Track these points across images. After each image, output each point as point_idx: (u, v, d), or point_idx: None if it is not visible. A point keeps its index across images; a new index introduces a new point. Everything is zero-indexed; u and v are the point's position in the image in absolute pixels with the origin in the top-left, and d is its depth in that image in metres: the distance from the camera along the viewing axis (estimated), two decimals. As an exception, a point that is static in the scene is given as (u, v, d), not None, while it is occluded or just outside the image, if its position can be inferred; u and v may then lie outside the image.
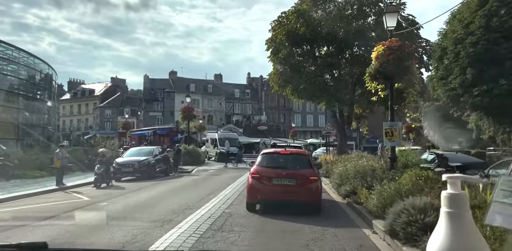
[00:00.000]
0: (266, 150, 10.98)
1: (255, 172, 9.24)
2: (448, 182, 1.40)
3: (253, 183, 9.14)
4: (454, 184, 1.38)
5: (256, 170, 9.30)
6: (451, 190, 1.37)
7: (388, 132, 10.55)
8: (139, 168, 18.34)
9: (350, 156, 13.96)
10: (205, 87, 68.51)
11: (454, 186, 1.38)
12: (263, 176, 9.11)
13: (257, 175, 9.16)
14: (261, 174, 9.14)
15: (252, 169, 9.54)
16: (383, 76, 10.26)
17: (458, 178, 1.39)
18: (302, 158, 10.03)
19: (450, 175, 1.43)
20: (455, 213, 1.32)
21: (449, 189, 1.38)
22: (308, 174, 9.13)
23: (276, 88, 19.15)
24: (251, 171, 9.49)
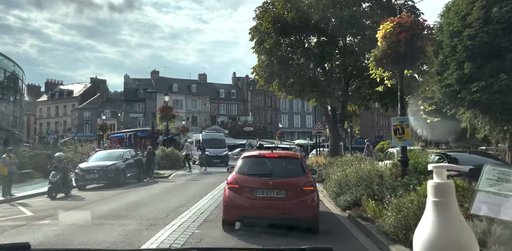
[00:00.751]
0: (247, 153, 8.53)
1: (233, 182, 7.25)
2: (434, 172, 1.37)
3: (230, 195, 7.18)
4: (440, 173, 1.37)
5: (234, 179, 7.30)
6: (437, 180, 1.35)
7: (397, 129, 8.56)
8: (106, 174, 16.09)
9: (348, 158, 11.95)
10: (188, 87, 66.13)
11: (440, 176, 1.36)
12: (243, 186, 7.14)
13: (236, 185, 7.18)
14: (241, 184, 7.16)
15: (229, 177, 7.47)
16: (392, 60, 8.29)
17: (443, 167, 1.37)
18: (294, 163, 7.93)
19: (436, 165, 1.40)
20: (442, 202, 1.31)
21: (435, 178, 1.36)
22: (302, 184, 7.13)
23: (261, 82, 17.11)
24: (228, 180, 7.43)
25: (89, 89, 74.62)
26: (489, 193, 1.58)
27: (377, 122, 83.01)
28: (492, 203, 1.55)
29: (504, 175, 1.61)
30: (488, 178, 1.61)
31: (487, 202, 1.57)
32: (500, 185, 1.59)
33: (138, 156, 19.33)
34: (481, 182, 1.63)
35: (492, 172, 1.64)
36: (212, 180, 17.96)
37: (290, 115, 72.86)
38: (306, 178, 7.28)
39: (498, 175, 1.63)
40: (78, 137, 67.60)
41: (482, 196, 1.59)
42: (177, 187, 15.90)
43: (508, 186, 1.56)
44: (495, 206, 1.54)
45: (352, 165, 9.96)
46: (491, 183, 1.59)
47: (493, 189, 1.57)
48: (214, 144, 29.40)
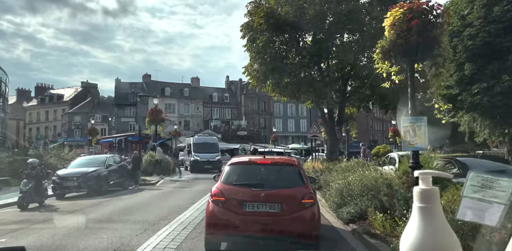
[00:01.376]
0: (236, 159, 7.22)
1: (218, 194, 6.08)
2: (419, 178, 1.38)
3: (215, 210, 5.99)
4: (425, 179, 1.38)
5: (219, 190, 6.12)
6: (423, 186, 1.37)
7: (408, 131, 7.47)
8: (86, 181, 14.89)
9: (349, 164, 10.84)
10: (181, 90, 64.97)
11: (425, 182, 1.38)
12: (230, 199, 6.00)
13: (221, 197, 6.01)
14: (228, 196, 6.01)
15: (213, 188, 6.27)
16: (402, 51, 7.21)
17: (429, 174, 1.40)
18: (290, 171, 6.68)
19: (421, 171, 1.43)
20: (427, 207, 1.33)
21: (420, 184, 1.38)
22: (300, 195, 6.02)
23: (253, 83, 16.01)
24: (212, 192, 6.23)
25: (80, 93, 73.22)
26: (474, 199, 1.56)
27: (371, 126, 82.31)
28: (477, 208, 1.53)
29: (487, 182, 1.59)
30: (472, 185, 1.60)
31: (472, 208, 1.56)
32: (484, 192, 1.56)
33: (123, 162, 18.10)
34: (466, 188, 1.60)
35: (476, 178, 1.62)
36: (202, 187, 16.79)
37: (284, 119, 71.87)
38: (305, 189, 6.16)
39: (482, 181, 1.61)
40: (68, 142, 66.11)
41: (467, 202, 1.57)
42: (163, 195, 14.71)
43: (492, 193, 1.53)
44: (480, 212, 1.52)
45: (355, 171, 8.85)
46: (475, 190, 1.57)
47: (478, 195, 1.55)
48: (206, 148, 27.62)
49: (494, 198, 1.52)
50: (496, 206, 1.49)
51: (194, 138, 31.16)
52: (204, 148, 27.74)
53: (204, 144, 28.55)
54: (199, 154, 27.08)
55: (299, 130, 72.60)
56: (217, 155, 27.72)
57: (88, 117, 64.55)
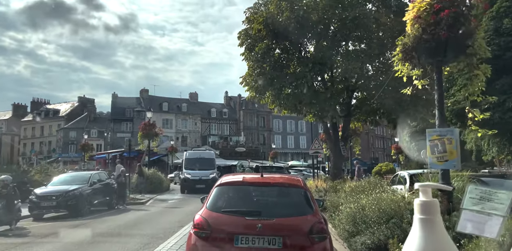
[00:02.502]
0: (226, 178, 5.66)
1: (202, 224, 4.67)
2: (420, 190, 1.40)
3: (197, 245, 4.61)
4: (425, 192, 1.40)
5: (204, 219, 4.71)
6: (423, 198, 1.39)
7: (435, 145, 6.22)
8: (66, 201, 13.50)
9: (359, 183, 9.50)
10: (179, 106, 63.91)
11: (425, 194, 1.39)
12: (218, 231, 4.60)
13: (206, 229, 4.61)
14: (215, 226, 4.61)
15: (196, 216, 4.84)
16: (428, 49, 6.03)
17: (429, 186, 1.43)
18: (295, 193, 5.21)
19: (422, 184, 1.48)
20: (428, 219, 1.36)
21: (421, 197, 1.39)
22: (308, 226, 4.60)
23: (252, 94, 14.81)
24: (194, 221, 4.84)
25: (76, 108, 72.07)
26: (473, 211, 1.57)
27: (372, 143, 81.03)
28: (477, 221, 1.54)
29: (486, 194, 1.57)
30: (471, 197, 1.59)
31: (472, 220, 1.55)
32: (483, 204, 1.55)
33: (110, 179, 16.71)
34: (465, 201, 1.60)
35: (475, 191, 1.61)
36: (195, 207, 15.35)
37: (283, 135, 70.64)
38: (314, 218, 4.75)
39: (481, 194, 1.59)
40: (62, 158, 64.71)
41: (467, 215, 1.58)
42: (151, 217, 13.29)
43: (490, 205, 1.53)
44: (480, 224, 1.52)
45: (370, 193, 7.52)
46: (474, 202, 1.57)
47: (477, 207, 1.56)
48: (200, 164, 24.02)
49: (493, 210, 1.47)
50: (495, 218, 1.44)
51: (187, 152, 27.13)
52: (198, 164, 24.07)
53: (198, 159, 24.77)
54: (190, 172, 23.41)
55: (298, 146, 71.28)
56: (211, 173, 23.59)
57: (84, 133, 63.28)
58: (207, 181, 21.59)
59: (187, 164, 24.51)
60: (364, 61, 13.11)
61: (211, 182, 20.58)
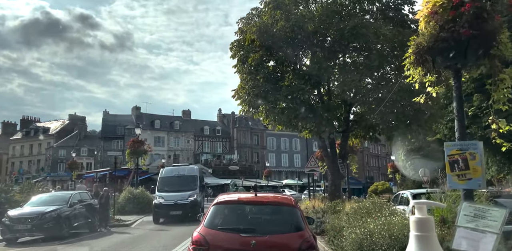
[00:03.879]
0: (222, 197, 5.93)
1: (200, 241, 5.01)
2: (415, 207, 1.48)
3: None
4: (421, 209, 1.49)
5: (202, 236, 5.06)
6: (419, 215, 1.45)
7: (456, 161, 5.36)
8: (42, 224, 12.41)
9: (362, 204, 8.56)
10: (171, 123, 62.96)
11: (421, 211, 1.47)
12: (214, 247, 4.97)
13: (204, 246, 4.96)
14: (212, 243, 4.98)
15: (195, 233, 5.19)
16: (446, 49, 5.26)
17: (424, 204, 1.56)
18: (287, 212, 5.54)
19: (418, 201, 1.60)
20: (423, 236, 1.39)
21: (416, 214, 1.46)
22: (299, 243, 4.96)
23: (244, 107, 13.96)
24: (192, 238, 5.16)
25: (66, 126, 70.83)
26: (468, 228, 1.59)
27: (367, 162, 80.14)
28: (471, 238, 1.54)
29: (479, 212, 1.61)
30: (466, 214, 1.64)
31: (466, 238, 1.56)
32: (477, 221, 1.56)
33: (92, 199, 15.61)
34: (459, 218, 1.64)
35: (469, 209, 1.67)
36: (183, 230, 14.34)
37: (277, 153, 69.63)
38: (304, 234, 5.13)
39: (474, 211, 1.63)
40: (51, 177, 63.09)
41: (462, 232, 1.60)
42: (134, 240, 12.17)
43: (484, 222, 1.53)
44: (474, 242, 1.50)
45: (378, 216, 6.58)
46: (468, 219, 1.60)
47: (471, 225, 1.58)
48: (178, 184, 18.46)
49: (487, 227, 1.51)
50: (489, 235, 1.47)
51: (163, 169, 20.87)
52: (175, 184, 18.51)
53: (176, 178, 19.01)
54: (164, 194, 17.82)
55: (293, 165, 70.22)
56: (191, 195, 17.91)
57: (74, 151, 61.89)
58: (185, 206, 17.12)
59: (162, 184, 18.84)
60: (363, 74, 12.40)
61: (190, 206, 17.20)
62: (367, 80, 13.13)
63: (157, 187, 18.96)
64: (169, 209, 17.22)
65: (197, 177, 19.44)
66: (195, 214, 14.71)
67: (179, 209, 17.15)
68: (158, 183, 19.28)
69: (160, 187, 18.71)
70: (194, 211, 16.41)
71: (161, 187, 18.67)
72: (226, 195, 6.45)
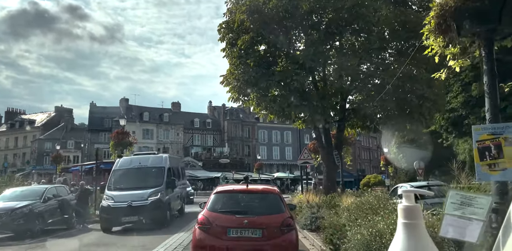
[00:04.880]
0: (220, 188, 7.81)
1: (204, 221, 6.45)
2: (403, 196, 1.42)
3: (201, 236, 6.38)
4: (408, 197, 1.41)
5: (205, 217, 6.51)
6: (406, 203, 1.40)
7: (487, 148, 4.45)
8: (12, 221, 11.41)
9: (365, 199, 7.61)
10: (161, 116, 61.62)
11: (408, 199, 1.40)
12: (215, 226, 6.37)
13: (207, 224, 6.39)
14: (213, 223, 6.39)
15: (200, 216, 6.63)
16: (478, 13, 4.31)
17: (412, 192, 1.45)
18: (271, 198, 7.17)
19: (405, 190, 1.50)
20: (411, 224, 1.36)
21: (404, 202, 1.40)
22: (280, 221, 6.46)
23: (234, 94, 12.90)
24: (198, 219, 6.60)
25: (53, 118, 69.06)
26: (455, 216, 1.56)
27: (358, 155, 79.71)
28: (458, 226, 1.53)
29: (466, 200, 1.55)
30: (453, 202, 1.57)
31: (453, 225, 1.55)
32: (464, 209, 1.54)
33: (71, 194, 14.55)
34: (447, 206, 1.58)
35: (456, 196, 1.58)
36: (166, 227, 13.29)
37: (268, 146, 68.74)
38: (285, 215, 6.67)
39: (461, 199, 1.56)
40: (36, 170, 61.49)
41: (449, 219, 1.57)
42: (111, 240, 11.12)
43: (471, 210, 1.52)
44: (461, 229, 1.52)
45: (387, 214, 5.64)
46: (455, 207, 1.55)
47: (458, 212, 1.55)
48: (136, 179, 13.78)
49: (473, 215, 1.47)
50: (475, 222, 1.46)
51: (119, 160, 15.55)
52: (133, 179, 13.78)
53: (135, 171, 14.06)
54: (115, 194, 13.05)
55: (284, 158, 69.42)
56: (153, 193, 13.01)
57: (60, 144, 60.33)
58: (143, 208, 12.24)
59: (115, 179, 13.90)
60: (362, 58, 11.43)
61: (150, 209, 12.39)
62: (365, 65, 12.16)
63: (108, 184, 13.79)
64: (120, 213, 12.25)
65: (164, 170, 14.03)
66: (160, 220, 12.23)
67: (134, 213, 12.28)
68: (109, 178, 14.22)
69: (111, 184, 13.64)
70: (157, 215, 12.44)
71: (114, 184, 13.69)
72: (223, 186, 8.34)
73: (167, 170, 14.30)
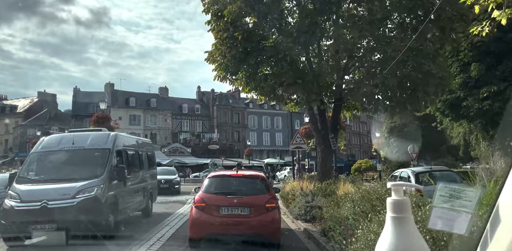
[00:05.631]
0: (214, 173, 8.94)
1: (200, 200, 7.48)
2: (392, 189, 1.45)
3: (197, 214, 7.36)
4: (397, 191, 1.44)
5: (201, 197, 7.51)
6: (395, 197, 1.42)
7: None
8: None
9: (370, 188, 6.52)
10: (148, 101, 59.97)
11: (397, 193, 1.43)
12: (210, 205, 7.37)
13: (203, 203, 7.41)
14: (208, 202, 7.40)
15: (196, 196, 7.64)
16: None
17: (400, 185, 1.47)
18: (258, 182, 8.08)
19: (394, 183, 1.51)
20: (399, 218, 1.39)
21: (393, 195, 1.43)
22: (265, 201, 7.47)
23: (220, 73, 11.62)
24: (195, 199, 7.66)
25: (36, 104, 66.99)
26: (444, 208, 1.53)
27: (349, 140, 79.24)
28: (447, 218, 1.51)
29: (455, 192, 1.54)
30: (441, 195, 1.55)
31: (442, 217, 1.53)
32: (452, 202, 1.51)
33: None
34: (435, 199, 1.55)
35: (445, 189, 1.56)
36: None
37: (259, 132, 67.73)
38: (269, 196, 7.64)
39: (450, 192, 1.55)
40: (19, 157, 59.73)
41: (437, 212, 1.54)
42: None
43: (460, 202, 1.50)
44: (450, 221, 1.50)
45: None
46: (444, 200, 1.52)
47: (447, 205, 1.52)
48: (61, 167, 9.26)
49: (462, 207, 1.50)
50: (464, 215, 1.47)
51: (43, 139, 10.18)
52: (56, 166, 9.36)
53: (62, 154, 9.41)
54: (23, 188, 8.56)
55: (274, 144, 68.56)
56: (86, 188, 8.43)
57: (43, 130, 58.50)
58: (67, 210, 7.93)
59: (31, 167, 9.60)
60: (362, 30, 10.22)
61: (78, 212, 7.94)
62: (366, 39, 10.96)
63: (18, 174, 9.41)
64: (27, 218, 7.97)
65: (108, 153, 9.30)
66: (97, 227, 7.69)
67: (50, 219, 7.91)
68: (22, 165, 10.08)
69: (23, 174, 9.22)
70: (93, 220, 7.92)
71: (27, 174, 9.32)
72: (216, 172, 9.49)
73: (115, 153, 9.57)
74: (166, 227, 10.17)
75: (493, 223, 1.41)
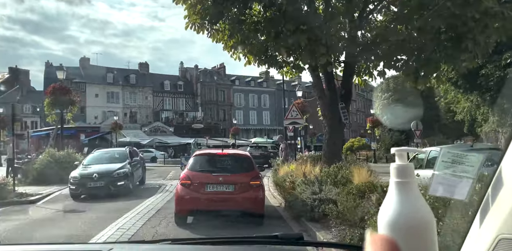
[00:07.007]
0: (199, 151, 9.25)
1: (185, 178, 7.70)
2: (396, 155, 1.30)
3: (182, 191, 7.59)
4: (401, 156, 1.30)
5: (186, 175, 7.73)
6: (399, 162, 1.27)
7: None
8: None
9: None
10: (126, 77, 56.10)
11: (401, 158, 1.29)
12: (195, 182, 7.59)
13: (188, 181, 7.61)
14: (193, 179, 7.61)
15: (182, 174, 7.92)
16: None
17: (404, 151, 1.32)
18: (242, 160, 8.37)
19: (398, 148, 1.35)
20: (403, 182, 1.24)
21: (397, 161, 1.28)
22: (249, 178, 7.68)
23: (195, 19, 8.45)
24: (180, 177, 7.89)
25: (6, 81, 62.50)
26: (445, 174, 1.43)
27: (337, 119, 76.76)
28: (447, 184, 1.40)
29: (458, 158, 1.42)
30: (444, 161, 1.42)
31: (443, 183, 1.42)
32: (454, 167, 1.40)
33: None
34: (438, 165, 1.43)
35: (447, 155, 1.43)
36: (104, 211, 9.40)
37: (245, 111, 64.72)
38: (254, 173, 7.86)
39: (453, 157, 1.43)
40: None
41: (439, 178, 1.44)
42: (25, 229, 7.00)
43: (462, 168, 1.39)
44: (450, 187, 1.39)
45: None
46: (446, 165, 1.41)
47: (449, 171, 1.41)
48: None
49: (463, 172, 1.36)
50: (465, 180, 1.35)
51: None
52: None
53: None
54: None
55: (261, 122, 65.77)
56: None
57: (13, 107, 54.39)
58: None
59: None
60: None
61: None
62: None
63: None
64: None
65: None
66: None
67: None
68: None
69: None
70: None
71: None
72: (202, 151, 10.13)
73: None
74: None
75: (494, 187, 1.28)
